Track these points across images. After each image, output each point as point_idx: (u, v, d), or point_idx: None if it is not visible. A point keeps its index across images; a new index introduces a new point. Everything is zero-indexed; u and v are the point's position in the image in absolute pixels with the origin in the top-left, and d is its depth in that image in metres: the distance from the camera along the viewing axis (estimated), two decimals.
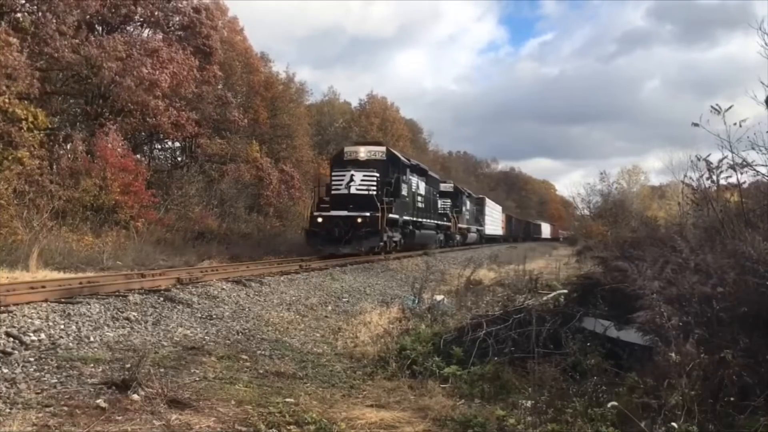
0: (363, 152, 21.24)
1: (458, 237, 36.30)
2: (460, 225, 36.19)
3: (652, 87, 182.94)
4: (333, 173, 21.16)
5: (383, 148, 21.89)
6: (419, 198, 25.68)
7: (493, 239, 53.46)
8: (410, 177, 23.91)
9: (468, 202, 40.95)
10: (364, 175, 19.99)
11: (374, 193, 19.62)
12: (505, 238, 61.20)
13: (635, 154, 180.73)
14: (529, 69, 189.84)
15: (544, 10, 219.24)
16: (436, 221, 29.08)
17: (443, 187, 34.88)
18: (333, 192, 20.38)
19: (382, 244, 20.11)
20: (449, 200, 34.79)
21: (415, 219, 24.30)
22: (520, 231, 70.72)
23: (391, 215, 20.10)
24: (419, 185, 25.65)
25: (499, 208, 60.75)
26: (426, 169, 28.37)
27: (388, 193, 20.30)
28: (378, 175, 20.19)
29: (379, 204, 19.13)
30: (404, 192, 22.37)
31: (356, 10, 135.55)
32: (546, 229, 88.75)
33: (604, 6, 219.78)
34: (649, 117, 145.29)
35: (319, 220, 19.25)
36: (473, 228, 42.63)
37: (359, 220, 18.75)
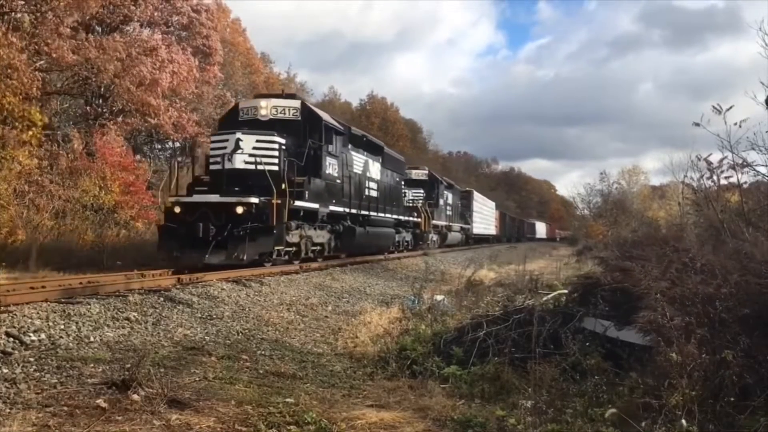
0: (265, 108, 14.43)
1: (433, 237, 29.99)
2: (435, 221, 29.69)
3: (646, 90, 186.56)
4: (213, 139, 14.35)
5: (297, 103, 14.82)
6: (369, 183, 18.98)
7: (483, 239, 48.05)
8: (350, 151, 17.15)
9: (449, 195, 34.48)
10: (259, 140, 13.18)
11: (274, 168, 12.98)
12: (499, 237, 56.22)
13: (631, 155, 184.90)
14: (526, 72, 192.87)
15: (540, 15, 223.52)
16: (396, 216, 22.05)
17: (414, 174, 29.07)
18: (210, 167, 13.82)
19: (285, 248, 13.31)
20: (421, 191, 28.30)
21: (356, 212, 17.33)
22: (514, 230, 66.66)
23: (302, 203, 13.44)
24: (369, 166, 19.08)
25: (491, 204, 54.51)
26: (381, 146, 21.31)
27: (299, 170, 13.65)
28: (282, 141, 13.49)
29: (278, 185, 12.57)
30: (332, 170, 15.47)
31: (355, 16, 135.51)
32: (541, 229, 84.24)
33: (597, 11, 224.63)
34: (643, 119, 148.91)
35: (177, 210, 12.45)
36: (455, 226, 35.98)
37: (239, 209, 11.97)
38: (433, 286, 13.15)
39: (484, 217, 48.49)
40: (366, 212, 18.34)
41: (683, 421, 3.75)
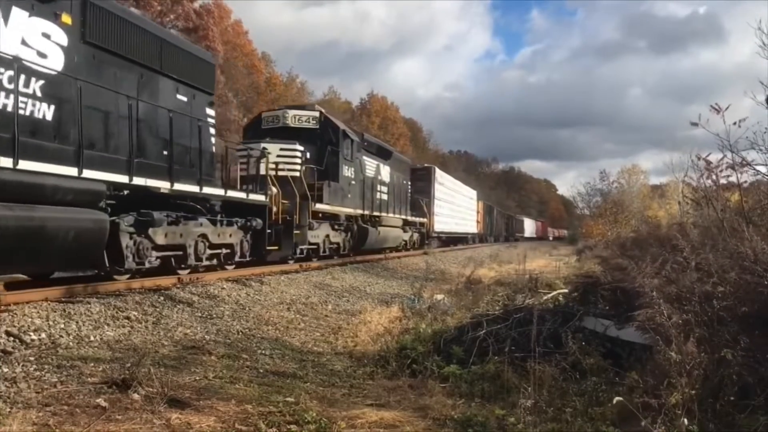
0: None
1: (332, 235, 17.04)
2: (332, 207, 16.24)
3: (635, 94, 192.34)
4: None
5: None
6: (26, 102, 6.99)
7: (458, 239, 36.57)
8: None
9: (378, 167, 20.83)
10: None
11: None
12: (483, 236, 45.35)
13: (623, 155, 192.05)
14: (519, 77, 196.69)
15: (533, 23, 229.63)
16: (173, 186, 9.71)
17: (291, 118, 16.52)
18: None
19: None
20: (301, 148, 15.38)
21: None
22: (502, 228, 58.88)
23: None
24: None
25: (470, 192, 40.78)
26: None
27: None
28: None
29: None
30: None
31: (354, 27, 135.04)
32: (529, 226, 74.82)
33: (586, 19, 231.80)
34: (633, 121, 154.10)
35: None
36: (392, 218, 22.15)
37: None
38: (433, 286, 13.17)
39: (457, 208, 35.38)
40: None
41: (684, 420, 3.75)
